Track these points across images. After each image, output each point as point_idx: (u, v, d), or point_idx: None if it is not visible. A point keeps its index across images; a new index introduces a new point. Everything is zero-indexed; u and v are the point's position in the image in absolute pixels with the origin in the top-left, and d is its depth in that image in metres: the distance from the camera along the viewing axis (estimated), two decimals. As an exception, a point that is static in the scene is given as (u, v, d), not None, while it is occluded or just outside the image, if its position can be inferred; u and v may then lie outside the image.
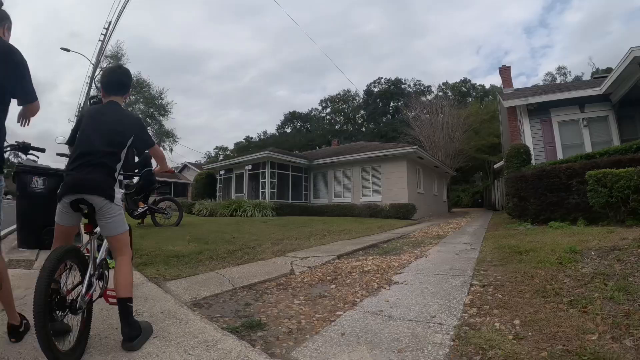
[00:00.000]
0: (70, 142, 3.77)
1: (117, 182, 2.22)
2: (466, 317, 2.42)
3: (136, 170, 7.68)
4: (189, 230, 7.43)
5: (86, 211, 2.12)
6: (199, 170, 26.60)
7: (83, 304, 1.93)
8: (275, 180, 16.82)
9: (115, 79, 2.42)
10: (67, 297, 1.92)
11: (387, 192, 15.45)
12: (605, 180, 6.24)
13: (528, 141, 11.46)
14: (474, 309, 2.58)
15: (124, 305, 2.01)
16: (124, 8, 15.90)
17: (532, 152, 10.44)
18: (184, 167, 40.24)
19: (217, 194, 20.04)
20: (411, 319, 2.41)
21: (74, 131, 3.88)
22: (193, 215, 15.11)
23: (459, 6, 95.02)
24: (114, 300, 2.10)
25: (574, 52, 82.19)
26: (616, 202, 6.15)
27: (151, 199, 8.44)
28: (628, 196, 5.98)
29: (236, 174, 18.79)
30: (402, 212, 13.92)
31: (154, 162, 4.28)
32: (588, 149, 10.43)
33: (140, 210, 7.84)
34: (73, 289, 2.01)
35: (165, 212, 8.34)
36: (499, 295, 2.86)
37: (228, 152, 64.10)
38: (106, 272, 2.35)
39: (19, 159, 3.61)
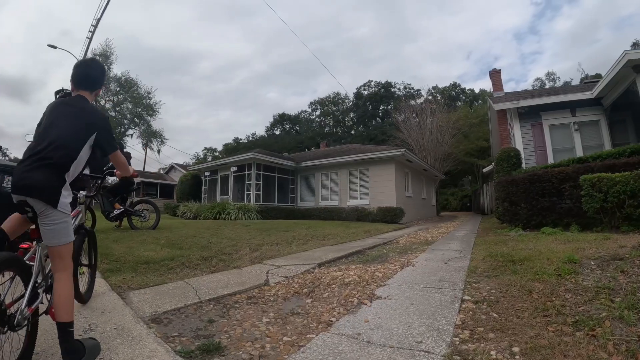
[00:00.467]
0: None
1: (67, 184, 1.91)
2: (457, 343, 2.08)
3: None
4: (165, 234, 7.03)
5: (30, 215, 1.84)
6: (185, 172, 26.04)
7: (22, 320, 1.68)
8: (261, 183, 16.41)
9: (85, 73, 2.22)
10: (7, 311, 1.65)
11: (375, 195, 15.16)
12: (601, 184, 6.06)
13: (518, 145, 11.30)
14: (466, 331, 2.24)
15: (64, 331, 1.77)
16: (108, 3, 15.38)
17: (522, 155, 10.28)
18: (171, 168, 39.51)
19: (202, 195, 19.57)
20: (393, 345, 2.05)
21: (38, 126, 3.52)
22: (177, 218, 14.74)
23: (450, 12, 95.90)
24: None
25: (563, 58, 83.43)
26: (611, 207, 5.95)
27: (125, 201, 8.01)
28: (624, 201, 5.81)
29: (221, 176, 18.34)
30: (390, 216, 13.64)
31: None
32: (579, 153, 10.31)
33: (116, 212, 7.47)
34: (15, 301, 1.74)
35: (142, 214, 7.94)
36: (494, 315, 2.53)
37: (217, 154, 63.43)
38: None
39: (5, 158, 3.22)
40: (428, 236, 8.66)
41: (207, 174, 19.38)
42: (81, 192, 2.83)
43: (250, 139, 66.92)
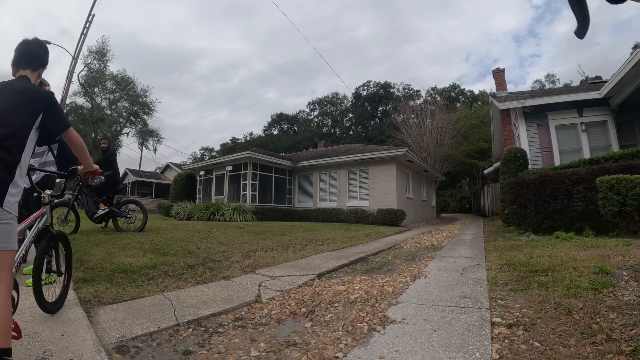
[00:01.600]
0: None
1: (15, 179, 1.68)
2: (502, 389, 1.61)
3: (106, 172, 6.83)
4: (151, 237, 6.53)
5: None
6: (180, 171, 25.49)
7: None
8: (257, 183, 15.91)
9: (25, 49, 2.03)
10: None
11: (375, 196, 14.71)
12: (619, 186, 5.67)
13: (524, 145, 10.90)
14: (509, 370, 1.78)
15: None
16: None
17: (528, 156, 9.87)
18: (167, 167, 38.96)
19: (197, 195, 19.06)
20: (421, 395, 1.57)
21: None
22: (170, 218, 14.28)
23: (449, 14, 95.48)
24: (14, 333, 1.67)
25: (562, 61, 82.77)
26: (630, 210, 5.54)
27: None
28: (644, 204, 5.39)
29: (216, 175, 17.82)
30: (391, 218, 13.18)
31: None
32: (586, 154, 9.97)
33: (100, 212, 7.00)
34: None
35: (128, 215, 7.46)
36: (536, 343, 2.07)
37: (214, 154, 62.77)
38: (14, 293, 1.82)
39: None
40: (433, 240, 8.20)
41: (202, 173, 18.88)
42: (46, 191, 2.51)
43: (248, 138, 66.31)
